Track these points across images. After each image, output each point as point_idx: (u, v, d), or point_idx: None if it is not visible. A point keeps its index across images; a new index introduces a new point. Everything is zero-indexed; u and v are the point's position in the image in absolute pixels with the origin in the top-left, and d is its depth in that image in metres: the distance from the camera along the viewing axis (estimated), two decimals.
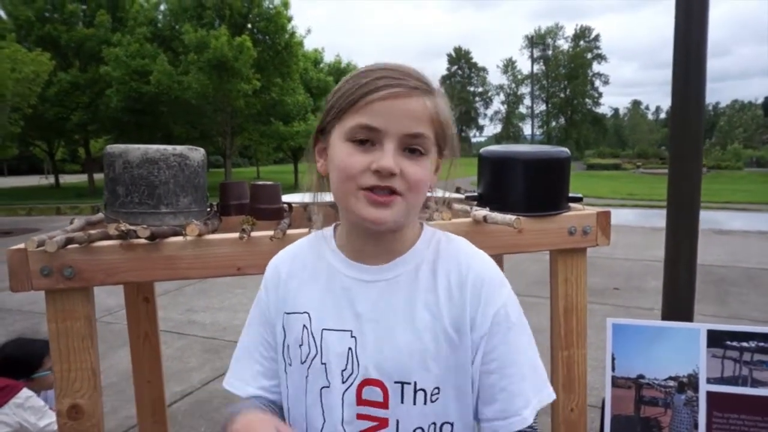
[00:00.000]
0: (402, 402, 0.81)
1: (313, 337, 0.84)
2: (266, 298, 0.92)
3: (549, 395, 0.87)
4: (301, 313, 0.86)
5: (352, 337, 0.83)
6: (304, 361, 0.85)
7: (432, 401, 0.82)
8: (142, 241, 1.23)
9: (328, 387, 0.83)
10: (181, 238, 1.27)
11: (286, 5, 22.50)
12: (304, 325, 0.85)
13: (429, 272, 0.85)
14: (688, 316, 2.10)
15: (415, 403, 0.81)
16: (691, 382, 1.54)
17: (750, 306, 5.23)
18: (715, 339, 1.53)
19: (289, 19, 22.59)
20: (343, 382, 0.82)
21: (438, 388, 0.82)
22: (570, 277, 1.52)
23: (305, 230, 1.30)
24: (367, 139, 0.77)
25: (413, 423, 0.82)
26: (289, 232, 1.30)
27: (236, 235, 1.27)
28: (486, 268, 0.86)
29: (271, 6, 22.31)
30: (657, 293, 5.66)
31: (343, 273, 0.86)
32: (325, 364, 0.83)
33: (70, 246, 1.19)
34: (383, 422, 0.82)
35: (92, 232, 1.22)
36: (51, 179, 31.21)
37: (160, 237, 1.25)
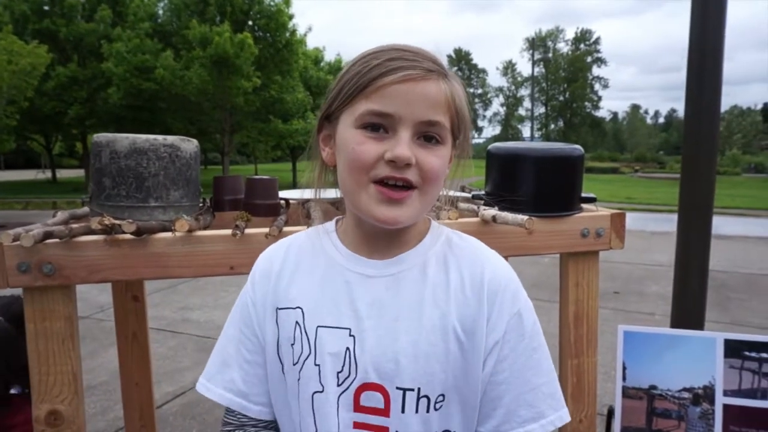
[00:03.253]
0: (403, 411, 0.73)
1: (307, 334, 0.76)
2: (253, 292, 0.83)
3: (563, 416, 0.79)
4: (294, 309, 0.78)
5: (350, 335, 0.75)
6: (296, 362, 0.76)
7: (435, 409, 0.74)
8: (128, 236, 1.15)
9: (321, 392, 0.75)
10: (169, 234, 1.19)
11: (287, 3, 22.40)
12: (297, 322, 0.77)
13: (439, 268, 0.78)
14: (698, 324, 2.03)
15: (417, 412, 0.74)
16: (707, 394, 1.46)
17: (751, 312, 5.17)
18: (733, 349, 1.45)
19: (290, 17, 22.48)
20: (339, 385, 0.74)
21: (443, 395, 0.74)
22: (581, 281, 1.44)
23: (303, 227, 1.22)
24: (379, 126, 0.70)
25: (415, 431, 0.74)
26: (286, 229, 1.23)
27: (229, 231, 1.19)
28: (503, 272, 0.80)
29: (272, 3, 22.20)
30: (657, 298, 5.64)
31: (343, 266, 0.78)
32: (318, 365, 0.75)
33: (50, 241, 1.11)
34: (383, 431, 0.74)
35: (74, 226, 1.14)
36: (48, 173, 31.06)
37: (147, 232, 1.17)
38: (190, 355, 4.06)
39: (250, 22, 22.20)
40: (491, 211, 1.32)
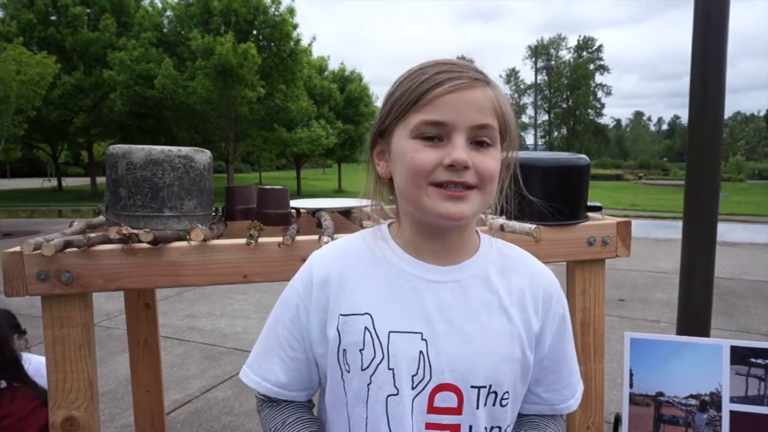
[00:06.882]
0: (477, 407, 0.79)
1: (379, 339, 0.78)
2: (308, 299, 0.83)
3: (582, 384, 0.94)
4: (362, 315, 0.79)
5: (422, 339, 0.78)
6: (366, 367, 0.78)
7: (502, 405, 0.81)
8: (144, 245, 1.18)
9: (396, 395, 0.77)
10: (185, 243, 1.22)
11: (291, 13, 22.55)
12: (366, 327, 0.78)
13: (500, 277, 0.84)
14: (704, 331, 2.04)
15: (486, 405, 0.80)
16: (714, 400, 1.47)
17: (758, 320, 5.15)
18: (739, 356, 1.46)
19: (295, 27, 22.62)
20: (413, 388, 0.77)
21: (508, 392, 0.81)
22: (588, 289, 1.46)
23: (314, 237, 1.24)
24: (434, 136, 0.74)
25: (483, 424, 0.80)
26: (298, 238, 1.25)
27: (243, 240, 1.22)
28: (552, 279, 0.89)
29: (276, 13, 22.35)
30: (662, 305, 5.63)
31: (408, 272, 0.81)
32: (392, 369, 0.77)
33: (68, 250, 1.13)
34: (455, 429, 0.79)
35: (92, 235, 1.17)
36: (54, 182, 31.23)
37: (163, 242, 1.19)
38: (196, 363, 4.08)
39: (255, 32, 22.35)
40: (499, 220, 1.34)
